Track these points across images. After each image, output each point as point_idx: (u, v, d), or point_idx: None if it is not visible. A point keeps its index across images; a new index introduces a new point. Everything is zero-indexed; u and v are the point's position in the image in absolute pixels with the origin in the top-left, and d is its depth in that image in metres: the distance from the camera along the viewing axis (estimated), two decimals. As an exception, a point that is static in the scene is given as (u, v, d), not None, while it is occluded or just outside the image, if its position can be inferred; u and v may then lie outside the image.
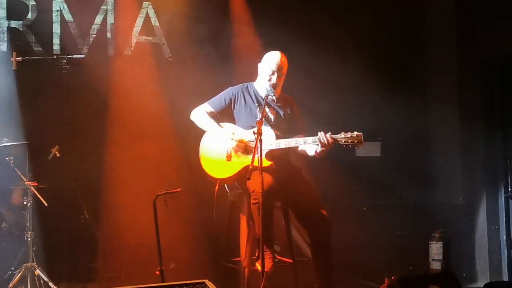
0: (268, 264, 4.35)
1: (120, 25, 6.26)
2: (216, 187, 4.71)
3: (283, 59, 4.75)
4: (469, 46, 6.54)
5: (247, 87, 4.86)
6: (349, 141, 4.37)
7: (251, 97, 4.80)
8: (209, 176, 4.71)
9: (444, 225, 6.62)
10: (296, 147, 4.67)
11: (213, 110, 4.80)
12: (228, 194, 4.85)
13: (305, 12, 6.61)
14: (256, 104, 4.76)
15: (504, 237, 6.27)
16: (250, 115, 4.74)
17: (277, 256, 4.80)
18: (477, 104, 6.52)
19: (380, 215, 6.57)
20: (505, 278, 6.22)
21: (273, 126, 4.61)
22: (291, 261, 4.77)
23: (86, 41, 6.14)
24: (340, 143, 4.40)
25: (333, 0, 6.66)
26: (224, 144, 4.65)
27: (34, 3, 5.99)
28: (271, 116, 4.70)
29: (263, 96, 4.64)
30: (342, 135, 4.40)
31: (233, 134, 4.65)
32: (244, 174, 4.28)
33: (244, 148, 4.63)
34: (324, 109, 6.11)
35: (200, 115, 4.80)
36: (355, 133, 4.38)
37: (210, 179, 4.72)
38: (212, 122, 4.75)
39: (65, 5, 6.08)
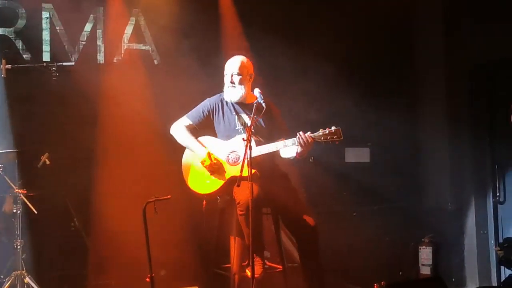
0: (258, 270, 4.37)
1: (110, 32, 6.24)
2: (204, 203, 4.71)
3: (237, 61, 4.76)
4: (457, 52, 6.58)
5: (224, 96, 4.84)
6: (328, 137, 4.40)
7: (228, 106, 4.79)
8: (195, 193, 4.71)
9: (433, 230, 6.67)
10: (279, 152, 4.69)
11: (191, 123, 4.79)
12: (218, 201, 4.86)
13: (294, 20, 6.62)
14: (234, 113, 4.75)
15: (493, 242, 6.30)
16: (229, 125, 4.74)
17: (267, 262, 4.82)
18: (466, 109, 6.57)
19: (370, 220, 6.59)
20: (494, 283, 6.24)
21: (253, 133, 4.57)
22: (281, 267, 4.78)
23: (76, 48, 6.14)
24: (319, 141, 4.42)
25: (323, 8, 6.68)
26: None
27: (23, 10, 5.96)
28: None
29: (241, 103, 4.71)
30: (321, 132, 4.42)
31: (209, 156, 4.63)
32: (229, 186, 4.30)
33: (217, 169, 4.64)
34: (312, 115, 6.13)
35: (179, 130, 4.78)
36: (333, 128, 4.40)
37: (196, 196, 4.72)
38: (191, 140, 4.74)
39: (55, 12, 6.06)
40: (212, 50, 6.36)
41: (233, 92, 4.71)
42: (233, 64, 4.75)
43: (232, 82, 4.72)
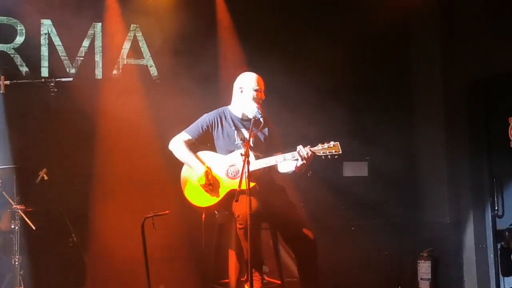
0: (257, 285, 4.35)
1: (108, 48, 6.27)
2: (203, 216, 4.69)
3: (259, 77, 4.80)
4: (455, 66, 6.62)
5: (223, 112, 4.82)
6: (327, 152, 4.42)
7: (227, 121, 4.77)
8: (194, 206, 4.69)
9: (432, 243, 6.66)
10: (277, 167, 4.70)
11: (190, 138, 4.76)
12: (216, 216, 4.85)
13: (292, 36, 6.66)
14: (234, 128, 4.74)
15: (492, 255, 6.29)
16: (228, 140, 4.72)
17: (266, 277, 4.80)
18: (463, 124, 6.58)
19: (368, 235, 6.59)
20: (493, 296, 6.24)
21: (252, 148, 4.57)
22: (280, 282, 4.76)
23: (74, 64, 6.16)
24: (319, 154, 4.44)
25: (321, 24, 6.73)
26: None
27: (22, 26, 6.00)
28: (251, 139, 4.67)
29: (240, 118, 4.71)
30: (320, 146, 4.44)
31: (206, 175, 4.60)
32: (228, 200, 4.29)
33: (212, 189, 4.63)
34: (310, 129, 6.12)
35: (178, 145, 4.72)
36: (332, 143, 4.43)
37: (196, 209, 4.70)
38: (189, 156, 4.68)
39: (53, 29, 6.09)
40: (210, 66, 6.38)
41: (258, 107, 4.68)
42: (259, 80, 4.77)
43: (261, 98, 4.73)
